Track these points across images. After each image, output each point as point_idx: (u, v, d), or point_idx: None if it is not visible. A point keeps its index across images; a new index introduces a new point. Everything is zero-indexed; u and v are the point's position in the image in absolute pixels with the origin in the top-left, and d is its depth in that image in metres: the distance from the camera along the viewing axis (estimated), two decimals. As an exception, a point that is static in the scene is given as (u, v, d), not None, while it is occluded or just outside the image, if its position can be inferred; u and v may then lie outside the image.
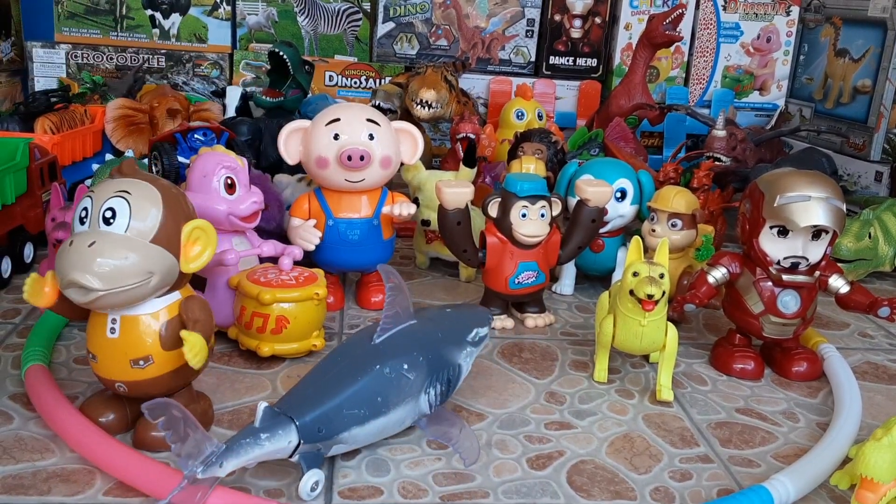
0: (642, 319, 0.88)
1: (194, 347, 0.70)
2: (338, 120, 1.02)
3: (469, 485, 0.73)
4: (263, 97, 1.49)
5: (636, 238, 0.91)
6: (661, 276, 0.87)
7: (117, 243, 0.68)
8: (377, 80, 1.87)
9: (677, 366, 0.96)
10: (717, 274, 0.97)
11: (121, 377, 0.74)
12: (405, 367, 0.75)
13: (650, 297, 0.85)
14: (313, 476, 0.69)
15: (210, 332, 0.73)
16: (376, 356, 0.75)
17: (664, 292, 0.86)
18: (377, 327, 0.77)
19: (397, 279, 0.79)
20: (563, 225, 1.10)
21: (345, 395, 0.71)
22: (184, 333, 0.70)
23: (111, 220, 0.69)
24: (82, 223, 0.70)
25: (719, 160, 1.44)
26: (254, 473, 0.73)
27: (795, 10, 1.97)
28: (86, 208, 0.70)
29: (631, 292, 0.87)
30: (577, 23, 1.95)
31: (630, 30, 1.94)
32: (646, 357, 1.00)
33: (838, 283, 0.97)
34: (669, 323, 0.90)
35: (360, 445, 0.75)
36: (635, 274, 0.87)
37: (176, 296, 0.74)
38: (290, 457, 0.69)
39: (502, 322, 1.07)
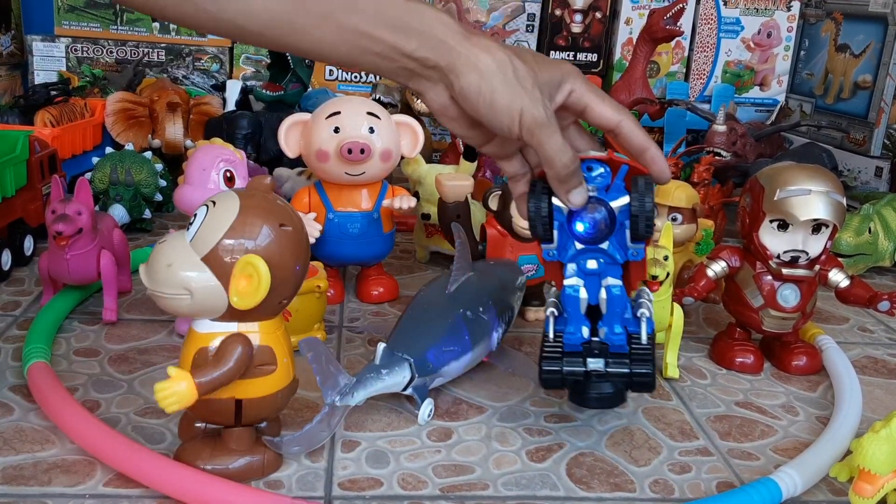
0: None
1: (164, 391, 0.63)
2: (338, 113, 1.02)
3: (468, 477, 0.74)
4: (263, 91, 1.49)
5: None
6: (665, 258, 0.91)
7: (174, 249, 0.66)
8: (377, 75, 1.87)
9: (677, 359, 0.96)
10: (717, 268, 0.98)
11: None
12: (480, 309, 0.87)
13: (654, 277, 0.90)
14: (428, 405, 0.82)
15: (209, 390, 0.65)
16: (457, 302, 0.87)
17: (668, 273, 0.91)
18: (448, 278, 0.89)
19: (463, 235, 0.91)
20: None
21: (443, 336, 0.83)
22: (170, 370, 0.64)
23: (189, 226, 0.67)
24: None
25: (719, 155, 1.44)
26: (254, 465, 0.73)
27: (796, 5, 1.97)
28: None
29: None
30: (578, 17, 1.95)
31: (630, 25, 1.94)
32: None
33: (838, 278, 0.97)
34: (675, 303, 0.93)
35: (452, 378, 0.86)
36: None
37: (232, 327, 0.67)
38: (404, 390, 0.79)
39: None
